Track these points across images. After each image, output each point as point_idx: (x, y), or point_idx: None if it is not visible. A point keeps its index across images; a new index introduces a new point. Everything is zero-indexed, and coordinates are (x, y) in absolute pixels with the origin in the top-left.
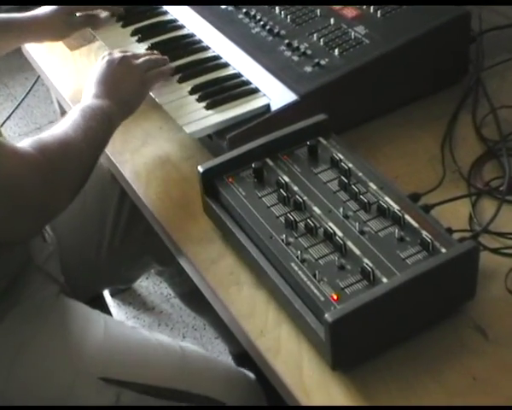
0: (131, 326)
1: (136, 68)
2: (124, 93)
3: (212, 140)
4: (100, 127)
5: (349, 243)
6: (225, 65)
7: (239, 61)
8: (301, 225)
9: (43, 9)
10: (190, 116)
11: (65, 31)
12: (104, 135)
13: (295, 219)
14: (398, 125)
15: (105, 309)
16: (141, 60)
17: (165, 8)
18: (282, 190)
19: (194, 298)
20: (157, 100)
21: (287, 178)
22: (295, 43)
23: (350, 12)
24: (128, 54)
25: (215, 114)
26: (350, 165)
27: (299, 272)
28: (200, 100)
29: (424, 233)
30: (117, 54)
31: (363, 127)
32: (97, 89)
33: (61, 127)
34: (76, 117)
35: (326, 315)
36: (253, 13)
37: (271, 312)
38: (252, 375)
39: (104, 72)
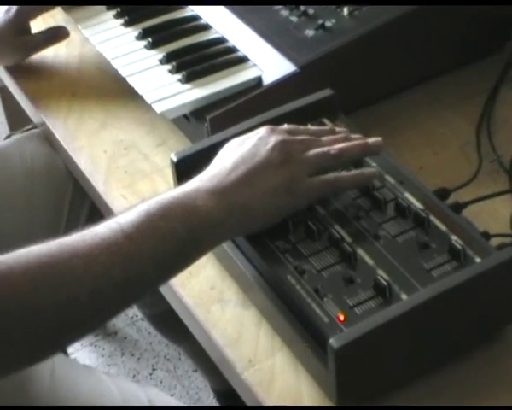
0: (86, 367)
1: (300, 164)
2: (254, 195)
3: (190, 121)
4: (171, 251)
5: (360, 251)
6: (206, 27)
7: (223, 23)
8: (300, 227)
9: None
10: (162, 91)
11: (16, 56)
12: (176, 263)
13: (293, 221)
14: (423, 105)
15: None
16: (315, 152)
17: None
18: None
19: (167, 320)
20: (120, 71)
21: None
22: None
23: None
24: (299, 138)
25: (193, 89)
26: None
27: (298, 287)
28: (174, 71)
29: (454, 238)
30: (281, 134)
31: (379, 107)
32: (220, 175)
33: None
34: (124, 227)
35: (331, 340)
36: None
37: (263, 336)
38: None
39: (248, 153)
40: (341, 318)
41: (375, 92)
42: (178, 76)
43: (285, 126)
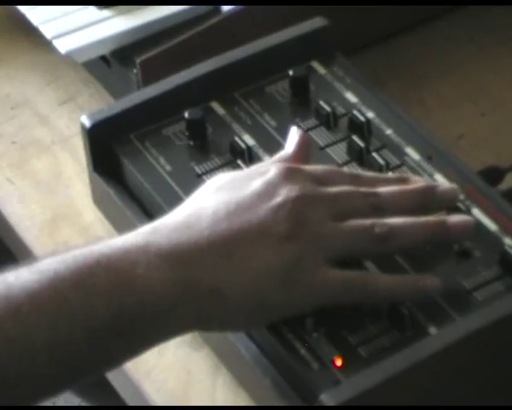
0: None
1: (317, 241)
2: (232, 274)
3: (111, 67)
4: (82, 342)
5: (367, 262)
6: None
7: None
8: None
9: None
10: (67, 21)
11: None
12: (90, 362)
13: None
14: (463, 40)
15: None
16: (351, 226)
17: None
18: (241, 162)
19: None
20: None
21: (251, 140)
22: None
23: None
24: (332, 191)
25: (114, 18)
26: (370, 114)
27: None
28: None
29: (508, 243)
30: (302, 183)
31: (397, 43)
32: (186, 228)
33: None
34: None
35: (323, 396)
36: None
37: (221, 390)
38: None
39: (239, 203)
40: (338, 362)
41: (390, 21)
42: None
43: (316, 168)
